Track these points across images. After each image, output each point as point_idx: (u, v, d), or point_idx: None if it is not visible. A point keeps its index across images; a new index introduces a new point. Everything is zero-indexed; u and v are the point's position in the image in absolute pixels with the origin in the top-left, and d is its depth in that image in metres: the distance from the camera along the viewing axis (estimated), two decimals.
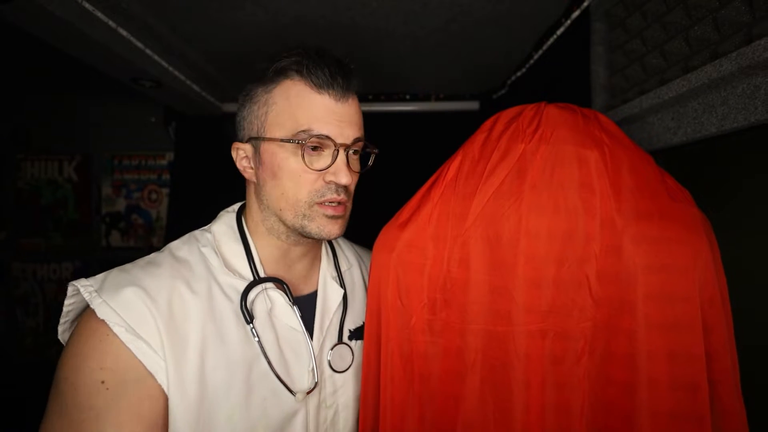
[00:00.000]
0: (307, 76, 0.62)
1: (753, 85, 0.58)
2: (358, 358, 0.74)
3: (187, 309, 0.59)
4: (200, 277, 0.63)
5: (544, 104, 0.61)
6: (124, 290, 0.57)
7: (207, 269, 0.65)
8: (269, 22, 1.09)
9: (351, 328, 0.76)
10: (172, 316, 0.58)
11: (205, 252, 0.67)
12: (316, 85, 0.62)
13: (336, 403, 0.70)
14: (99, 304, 0.55)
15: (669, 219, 0.52)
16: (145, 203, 2.41)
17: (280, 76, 0.64)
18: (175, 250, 0.67)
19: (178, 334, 0.57)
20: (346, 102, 0.64)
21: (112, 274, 0.60)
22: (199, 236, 0.70)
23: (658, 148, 0.78)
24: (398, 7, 1.01)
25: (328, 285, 0.76)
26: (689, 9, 0.70)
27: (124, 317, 0.55)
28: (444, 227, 0.59)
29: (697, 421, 0.49)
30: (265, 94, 0.64)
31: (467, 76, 1.52)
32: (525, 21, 1.08)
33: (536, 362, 0.54)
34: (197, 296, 0.61)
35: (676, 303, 0.50)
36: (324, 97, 0.62)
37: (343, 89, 0.63)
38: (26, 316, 2.39)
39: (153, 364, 0.55)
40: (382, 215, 0.71)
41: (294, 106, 0.62)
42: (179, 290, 0.60)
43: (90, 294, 0.56)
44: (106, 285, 0.58)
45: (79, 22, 0.93)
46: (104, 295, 0.56)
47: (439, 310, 0.59)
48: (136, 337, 0.54)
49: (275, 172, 0.64)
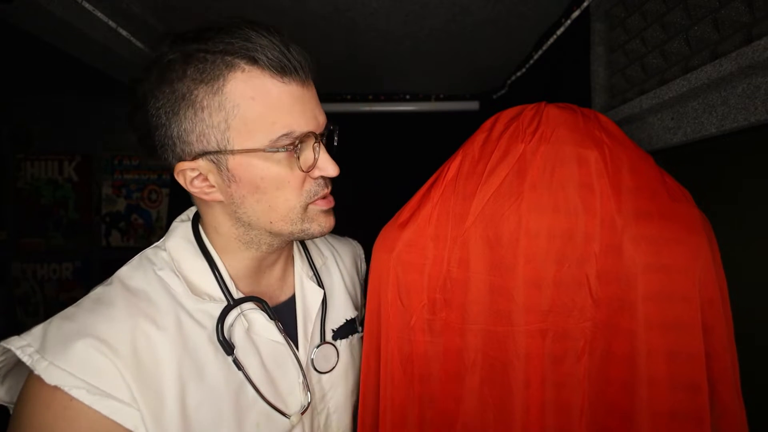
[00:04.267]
0: (265, 64, 0.50)
1: (753, 85, 0.58)
2: (344, 358, 0.70)
3: (155, 350, 0.51)
4: (164, 309, 0.54)
5: (544, 104, 0.61)
6: (73, 345, 0.47)
7: (170, 297, 0.55)
8: (269, 23, 1.09)
9: (334, 327, 0.71)
10: (139, 363, 0.49)
11: (163, 276, 0.57)
12: (279, 73, 0.51)
13: (326, 408, 0.66)
14: (45, 368, 0.45)
15: (669, 219, 0.52)
16: (145, 203, 2.41)
17: (228, 70, 0.50)
18: (126, 279, 0.56)
19: (151, 381, 0.49)
20: (309, 83, 0.55)
21: (53, 325, 0.49)
22: (152, 257, 0.59)
23: (658, 148, 0.78)
24: (398, 7, 1.01)
25: (305, 287, 0.69)
26: (689, 9, 0.70)
27: (82, 377, 0.46)
28: (444, 227, 0.59)
29: (696, 421, 0.49)
30: (213, 95, 0.50)
31: (467, 76, 1.52)
32: (525, 21, 1.08)
33: (536, 362, 0.54)
34: (165, 332, 0.52)
35: (676, 303, 0.50)
36: (291, 87, 0.52)
37: (305, 69, 0.53)
38: (26, 316, 2.39)
39: (128, 419, 0.47)
40: (382, 215, 0.71)
41: (263, 106, 0.51)
42: (143, 330, 0.51)
43: (30, 357, 0.46)
44: (48, 342, 0.47)
45: (79, 22, 0.93)
46: (49, 356, 0.46)
47: (439, 310, 0.59)
48: (103, 396, 0.46)
49: (257, 185, 0.54)
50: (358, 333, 0.75)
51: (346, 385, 0.70)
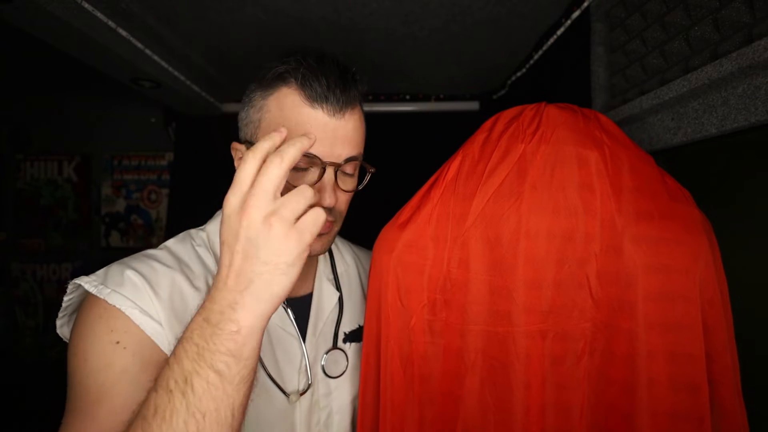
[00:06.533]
0: (301, 87, 0.59)
1: (753, 85, 0.58)
2: (353, 362, 0.74)
3: (187, 303, 0.60)
4: (198, 275, 0.64)
5: (544, 104, 0.61)
6: (129, 279, 0.58)
7: (204, 267, 0.66)
8: (269, 23, 1.09)
9: (347, 330, 0.76)
10: (173, 308, 0.59)
11: (200, 252, 0.67)
12: (310, 98, 0.59)
13: (330, 406, 0.70)
14: (108, 294, 0.56)
15: (669, 219, 0.52)
16: (145, 203, 2.41)
17: (278, 82, 0.61)
18: (171, 246, 0.67)
19: (178, 321, 0.58)
20: (342, 117, 0.61)
21: (113, 267, 0.61)
22: (194, 235, 0.71)
23: (658, 148, 0.78)
24: (398, 7, 1.01)
25: (323, 287, 0.76)
26: (689, 9, 0.70)
27: (135, 300, 0.56)
28: (444, 228, 0.59)
29: (697, 421, 0.49)
30: (262, 99, 0.63)
31: (467, 76, 1.52)
32: (525, 21, 1.08)
33: (536, 363, 0.54)
34: (198, 292, 0.62)
35: (677, 303, 0.50)
36: (317, 112, 0.59)
37: (341, 103, 0.60)
38: (26, 317, 2.39)
39: (164, 341, 0.56)
40: (382, 215, 0.71)
41: (285, 118, 0.60)
42: (179, 285, 0.61)
43: (96, 287, 0.56)
44: (109, 278, 0.58)
45: (78, 23, 0.93)
46: (111, 285, 0.57)
47: (439, 311, 0.59)
48: (149, 318, 0.56)
49: None
50: None
51: (352, 388, 0.73)
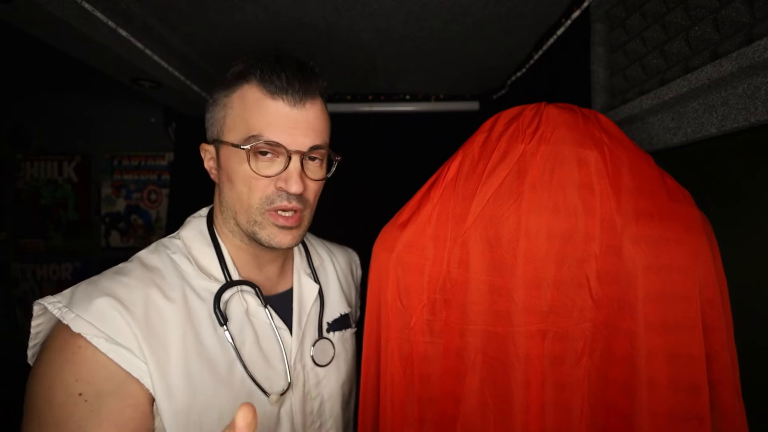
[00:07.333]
0: (261, 82, 0.62)
1: (753, 85, 0.58)
2: (338, 349, 0.77)
3: (164, 317, 0.59)
4: (173, 285, 0.63)
5: (544, 104, 0.61)
6: (96, 301, 0.55)
7: (179, 276, 0.64)
8: (269, 23, 1.09)
9: (329, 320, 0.78)
10: (149, 324, 0.57)
11: (176, 259, 0.66)
12: (270, 91, 0.62)
13: (321, 394, 0.73)
14: (72, 319, 0.54)
15: (669, 219, 0.52)
16: (145, 203, 2.41)
17: (239, 80, 0.64)
18: (143, 258, 0.66)
19: (157, 341, 0.57)
20: (303, 107, 0.63)
21: (80, 287, 0.59)
22: (167, 243, 0.70)
23: (658, 148, 0.78)
24: (398, 7, 1.01)
25: (303, 281, 0.77)
26: (689, 9, 0.70)
27: (101, 328, 0.54)
28: (444, 228, 0.59)
29: (697, 421, 0.49)
30: (225, 97, 0.65)
31: (467, 76, 1.52)
32: (525, 21, 1.08)
33: (536, 363, 0.54)
34: (173, 303, 0.61)
35: (676, 303, 0.50)
36: (278, 103, 0.62)
37: (300, 94, 0.62)
38: (26, 317, 2.38)
39: (135, 368, 0.54)
40: (382, 215, 0.71)
41: (248, 111, 0.62)
42: (153, 299, 0.59)
43: (60, 310, 0.55)
44: (75, 299, 0.56)
45: (78, 23, 0.93)
46: (76, 309, 0.55)
47: (438, 311, 0.59)
48: (116, 345, 0.54)
49: (230, 175, 0.64)
50: (351, 328, 0.83)
51: (338, 375, 0.76)
